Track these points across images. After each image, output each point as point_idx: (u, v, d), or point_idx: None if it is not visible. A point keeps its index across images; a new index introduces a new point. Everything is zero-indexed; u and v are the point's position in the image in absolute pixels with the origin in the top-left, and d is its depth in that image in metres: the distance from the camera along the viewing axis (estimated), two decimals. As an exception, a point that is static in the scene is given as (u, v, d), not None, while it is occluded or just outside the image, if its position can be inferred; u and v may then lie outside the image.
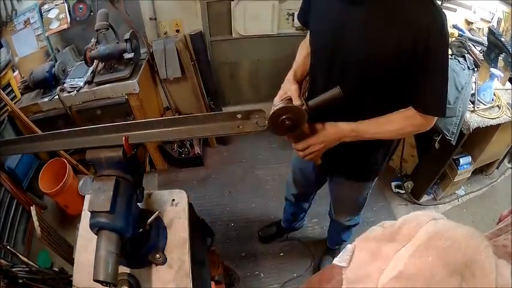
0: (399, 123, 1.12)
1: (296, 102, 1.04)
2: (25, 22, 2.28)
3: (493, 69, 1.94)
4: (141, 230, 1.00)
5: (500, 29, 2.17)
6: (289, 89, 1.12)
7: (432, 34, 0.94)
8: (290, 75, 1.23)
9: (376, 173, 1.46)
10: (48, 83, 2.16)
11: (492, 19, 2.28)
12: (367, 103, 1.12)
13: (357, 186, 1.52)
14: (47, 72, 2.14)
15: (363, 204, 1.67)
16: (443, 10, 0.98)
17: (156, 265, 1.05)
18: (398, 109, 1.11)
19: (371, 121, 1.12)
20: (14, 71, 2.25)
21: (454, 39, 2.21)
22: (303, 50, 1.29)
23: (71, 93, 2.14)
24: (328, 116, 1.12)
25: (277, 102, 1.06)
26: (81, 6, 2.26)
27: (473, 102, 1.95)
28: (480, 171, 2.66)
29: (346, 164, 1.36)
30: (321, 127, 1.12)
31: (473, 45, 2.22)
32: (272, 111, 0.98)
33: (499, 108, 1.96)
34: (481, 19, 2.34)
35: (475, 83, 2.01)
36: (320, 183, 1.71)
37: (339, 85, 0.99)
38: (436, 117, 1.09)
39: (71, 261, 1.70)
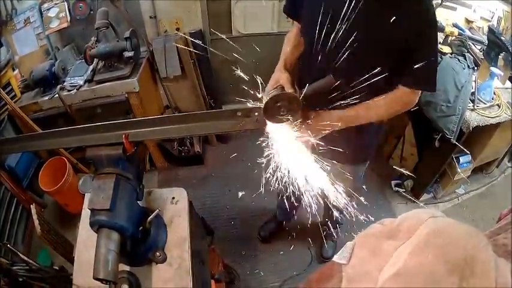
0: (388, 104, 1.15)
1: (289, 90, 1.02)
2: (25, 21, 2.28)
3: (493, 68, 1.94)
4: (141, 228, 1.00)
5: (500, 28, 2.17)
6: (280, 77, 1.10)
7: (424, 23, 1.04)
8: (280, 65, 1.23)
9: (368, 156, 1.46)
10: (48, 81, 2.16)
11: (492, 18, 2.28)
12: (357, 88, 1.11)
13: (348, 169, 1.51)
14: (47, 70, 2.14)
15: (356, 187, 1.65)
16: (443, 9, 1.03)
17: (156, 263, 1.05)
18: (387, 92, 1.15)
19: (360, 106, 1.12)
20: (14, 70, 2.25)
21: (454, 38, 2.20)
22: (290, 41, 1.30)
23: (71, 91, 2.13)
24: (319, 103, 1.11)
25: (271, 91, 1.03)
26: (81, 4, 2.26)
27: (473, 101, 1.95)
28: (480, 169, 2.65)
29: (337, 148, 1.36)
30: (315, 114, 1.10)
31: (473, 44, 2.22)
32: (266, 99, 0.93)
33: (499, 107, 1.96)
34: (481, 18, 2.34)
35: (475, 81, 2.01)
36: None
37: (332, 70, 0.99)
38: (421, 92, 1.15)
39: (71, 259, 1.69)
